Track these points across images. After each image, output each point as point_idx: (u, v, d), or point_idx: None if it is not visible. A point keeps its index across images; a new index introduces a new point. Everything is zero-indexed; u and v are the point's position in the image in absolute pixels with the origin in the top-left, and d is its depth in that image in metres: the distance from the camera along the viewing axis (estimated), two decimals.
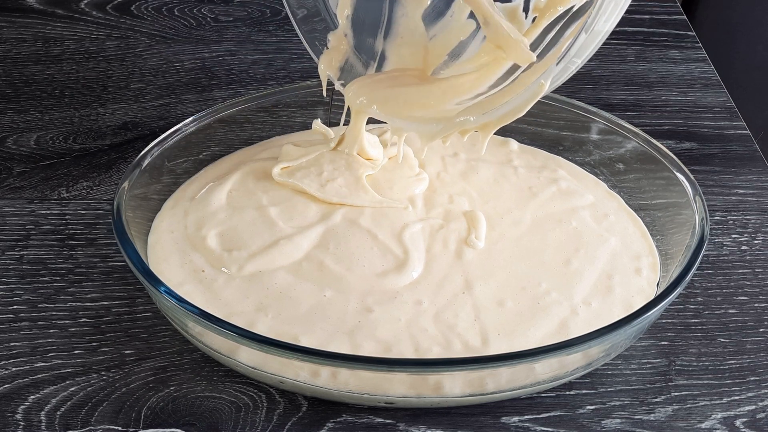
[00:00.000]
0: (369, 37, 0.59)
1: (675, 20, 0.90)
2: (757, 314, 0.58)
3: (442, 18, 0.57)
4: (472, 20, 0.56)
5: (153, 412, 0.51)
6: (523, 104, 0.52)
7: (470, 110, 0.55)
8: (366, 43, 0.59)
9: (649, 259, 0.58)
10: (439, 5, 0.57)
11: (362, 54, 0.59)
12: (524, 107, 0.53)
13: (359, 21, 0.58)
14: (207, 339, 0.51)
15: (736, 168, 0.70)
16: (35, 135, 0.72)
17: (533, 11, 0.54)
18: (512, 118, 0.54)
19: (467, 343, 0.52)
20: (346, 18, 0.58)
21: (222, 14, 0.89)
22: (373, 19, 0.58)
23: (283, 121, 0.68)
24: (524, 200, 0.62)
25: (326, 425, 0.51)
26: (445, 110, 0.56)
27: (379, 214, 0.59)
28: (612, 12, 0.50)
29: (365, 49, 0.59)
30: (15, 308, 0.57)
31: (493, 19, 0.52)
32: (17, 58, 0.82)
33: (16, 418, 0.51)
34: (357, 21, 0.58)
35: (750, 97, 1.11)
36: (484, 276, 0.56)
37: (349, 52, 0.59)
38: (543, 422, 0.51)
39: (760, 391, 0.53)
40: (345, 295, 0.54)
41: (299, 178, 0.61)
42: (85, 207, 0.65)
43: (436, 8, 0.57)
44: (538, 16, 0.53)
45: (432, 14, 0.57)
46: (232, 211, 0.60)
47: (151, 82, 0.79)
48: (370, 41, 0.59)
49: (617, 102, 0.78)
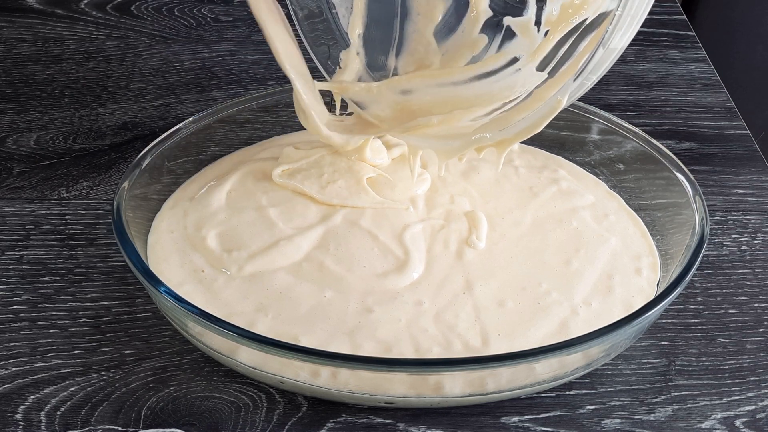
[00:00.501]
0: (381, 54, 0.59)
1: (675, 20, 0.90)
2: (757, 314, 0.58)
3: (454, 33, 0.57)
4: (483, 35, 0.56)
5: (153, 412, 0.51)
6: (540, 120, 0.52)
7: (486, 127, 0.55)
8: (378, 61, 0.59)
9: (650, 259, 0.58)
10: (450, 21, 0.57)
11: (375, 72, 0.59)
12: (541, 123, 0.52)
13: (371, 39, 0.58)
14: (207, 339, 0.51)
15: (736, 168, 0.70)
16: (35, 135, 0.72)
17: (545, 25, 0.53)
18: (528, 134, 0.53)
19: (468, 344, 0.52)
20: (357, 36, 0.58)
21: (222, 14, 0.89)
22: (384, 37, 0.58)
23: (283, 121, 0.68)
24: (525, 200, 0.62)
25: (326, 425, 0.51)
26: (460, 127, 0.56)
27: (380, 215, 0.59)
28: (628, 28, 0.50)
29: (377, 67, 0.59)
30: (15, 308, 0.57)
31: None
32: (17, 58, 0.82)
33: (16, 418, 0.51)
34: (368, 39, 0.58)
35: (750, 97, 1.11)
36: (484, 276, 0.56)
37: (362, 70, 0.59)
38: (543, 422, 0.51)
39: (760, 391, 0.53)
40: (345, 296, 0.54)
41: (300, 180, 0.61)
42: (85, 207, 0.65)
43: (447, 24, 0.57)
44: (551, 30, 0.53)
45: (443, 30, 0.57)
46: (232, 212, 0.60)
47: (151, 82, 0.79)
48: (382, 59, 0.59)
49: (617, 102, 0.78)
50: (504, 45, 0.56)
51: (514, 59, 0.54)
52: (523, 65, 0.54)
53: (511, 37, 0.55)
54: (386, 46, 0.58)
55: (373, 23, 0.58)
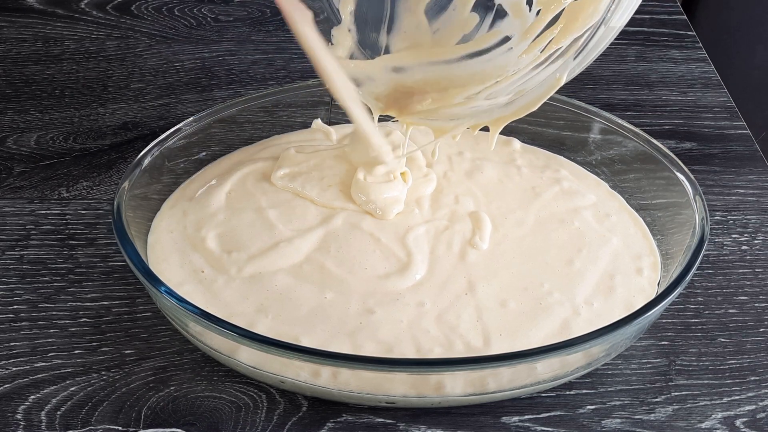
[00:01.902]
0: (372, 32, 0.59)
1: (675, 20, 0.90)
2: (757, 314, 0.58)
3: (445, 12, 0.57)
4: (474, 14, 0.56)
5: (153, 412, 0.51)
6: (538, 98, 0.52)
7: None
8: (370, 39, 0.59)
9: (650, 259, 0.58)
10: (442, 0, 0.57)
11: (366, 49, 0.59)
12: (539, 101, 0.52)
13: (362, 16, 0.58)
14: (207, 339, 0.51)
15: (737, 168, 0.70)
16: (35, 135, 0.72)
17: (537, 4, 0.53)
18: (526, 111, 0.54)
19: (469, 344, 0.52)
20: (349, 14, 0.58)
21: (222, 14, 0.89)
22: (376, 15, 0.58)
23: (283, 121, 0.68)
24: (528, 200, 0.62)
25: (326, 425, 0.51)
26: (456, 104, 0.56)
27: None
28: (627, 7, 0.50)
29: (369, 45, 0.59)
30: (15, 308, 0.57)
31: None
32: (17, 58, 0.82)
33: (16, 417, 0.51)
34: (360, 16, 0.58)
35: (750, 97, 1.11)
36: (487, 277, 0.56)
37: (354, 47, 0.59)
38: (543, 422, 0.51)
39: (760, 391, 0.53)
40: (346, 297, 0.54)
41: (300, 183, 0.61)
42: (85, 207, 0.65)
43: (438, 3, 0.57)
44: (543, 9, 0.53)
45: (434, 8, 0.57)
46: (231, 213, 0.60)
47: (151, 82, 0.79)
48: (373, 36, 0.59)
49: (617, 102, 0.78)
50: (495, 24, 0.56)
51: (506, 38, 0.54)
52: (515, 44, 0.54)
53: (503, 16, 0.55)
54: (378, 24, 0.58)
55: (365, 0, 0.58)
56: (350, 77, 0.58)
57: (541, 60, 0.53)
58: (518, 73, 0.54)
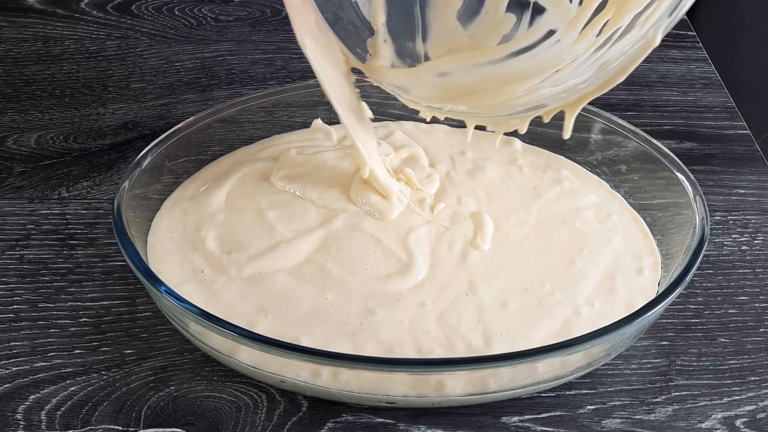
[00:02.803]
0: (408, 41, 0.58)
1: None
2: (757, 314, 0.58)
3: (478, 16, 0.56)
4: (510, 14, 0.55)
5: (153, 412, 0.51)
6: (630, 63, 0.49)
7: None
8: (407, 47, 0.58)
9: (651, 259, 0.58)
10: (472, 4, 0.56)
11: (406, 58, 0.58)
12: (630, 66, 0.49)
13: (395, 27, 0.58)
14: (207, 339, 0.51)
15: (737, 168, 0.70)
16: (35, 135, 0.72)
17: None
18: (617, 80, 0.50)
19: (470, 344, 0.52)
20: (382, 25, 0.58)
21: (222, 14, 0.89)
22: (407, 24, 0.57)
23: (283, 121, 0.68)
24: (529, 200, 0.62)
25: (326, 425, 0.51)
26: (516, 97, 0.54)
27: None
28: None
29: (407, 53, 0.58)
30: (15, 308, 0.57)
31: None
32: (17, 58, 0.82)
33: (16, 417, 0.51)
34: (392, 27, 0.58)
35: (750, 97, 1.11)
36: (488, 277, 0.56)
37: (393, 57, 0.58)
38: (543, 422, 0.51)
39: (760, 391, 0.53)
40: (347, 298, 0.54)
41: (300, 185, 0.61)
42: (86, 207, 0.65)
43: (469, 8, 0.56)
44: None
45: (467, 14, 0.56)
46: (231, 213, 0.60)
47: (152, 81, 0.79)
48: (410, 45, 0.58)
49: (618, 102, 0.78)
50: (535, 20, 0.54)
51: (551, 32, 0.53)
52: (563, 36, 0.51)
53: (541, 11, 0.54)
54: (411, 33, 0.57)
55: (394, 11, 0.57)
56: (397, 86, 0.57)
57: (600, 43, 0.50)
58: (578, 59, 0.52)
